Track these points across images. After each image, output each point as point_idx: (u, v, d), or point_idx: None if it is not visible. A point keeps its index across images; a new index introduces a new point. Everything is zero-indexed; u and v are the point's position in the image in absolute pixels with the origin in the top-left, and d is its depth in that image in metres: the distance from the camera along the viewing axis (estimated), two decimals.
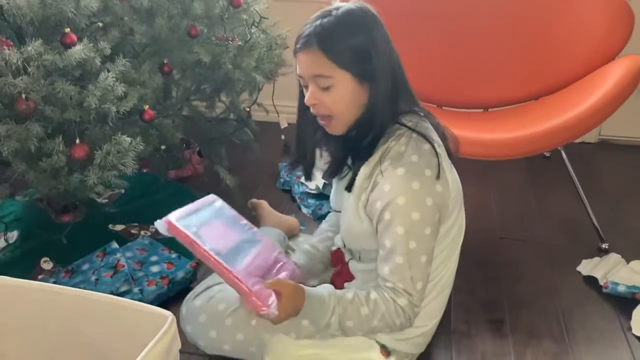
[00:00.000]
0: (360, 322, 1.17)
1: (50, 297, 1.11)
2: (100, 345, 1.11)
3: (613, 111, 1.68)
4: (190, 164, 2.28)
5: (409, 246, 1.13)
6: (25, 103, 1.38)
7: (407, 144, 1.15)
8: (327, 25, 1.11)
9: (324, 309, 1.17)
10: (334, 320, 1.17)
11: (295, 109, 1.27)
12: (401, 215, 1.12)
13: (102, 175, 1.51)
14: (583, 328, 1.54)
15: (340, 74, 1.12)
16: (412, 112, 1.20)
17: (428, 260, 1.16)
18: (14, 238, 1.88)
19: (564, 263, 1.79)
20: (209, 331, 1.29)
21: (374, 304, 1.16)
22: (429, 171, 1.13)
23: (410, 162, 1.13)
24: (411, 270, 1.14)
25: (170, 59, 1.83)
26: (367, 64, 1.12)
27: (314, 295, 1.18)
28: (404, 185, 1.12)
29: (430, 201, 1.13)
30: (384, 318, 1.16)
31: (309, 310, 1.16)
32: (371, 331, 1.21)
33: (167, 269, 1.69)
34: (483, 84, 2.16)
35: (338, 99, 1.14)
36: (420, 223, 1.12)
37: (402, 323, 1.17)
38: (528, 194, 2.21)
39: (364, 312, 1.16)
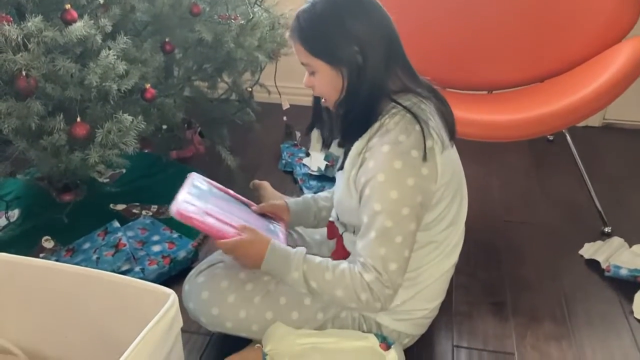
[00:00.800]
0: (323, 285, 1.18)
1: (52, 274, 1.11)
2: (101, 323, 1.11)
3: (618, 94, 1.67)
4: (192, 145, 2.28)
5: (384, 224, 1.12)
6: (25, 80, 1.36)
7: (398, 123, 1.14)
8: (303, 15, 1.16)
9: (287, 263, 1.20)
10: (297, 277, 1.19)
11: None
12: (379, 192, 1.12)
13: (103, 154, 1.49)
14: (585, 311, 1.54)
15: (316, 62, 1.17)
16: (410, 91, 1.18)
17: (405, 242, 1.14)
18: (15, 217, 1.88)
19: (566, 246, 1.79)
20: (211, 308, 1.29)
21: (340, 273, 1.17)
22: (416, 152, 1.12)
23: (397, 141, 1.12)
24: (383, 248, 1.13)
25: (172, 38, 1.81)
26: (335, 51, 1.14)
27: (280, 248, 1.23)
28: (386, 162, 1.12)
29: (412, 181, 1.11)
30: (347, 289, 1.15)
31: (272, 260, 1.21)
32: (339, 301, 1.19)
33: (168, 248, 1.69)
34: (487, 66, 2.14)
35: (321, 82, 1.20)
36: (398, 202, 1.12)
37: (369, 300, 1.14)
38: (531, 178, 2.20)
39: (327, 277, 1.18)
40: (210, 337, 1.43)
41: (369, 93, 1.16)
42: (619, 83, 1.65)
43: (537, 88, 2.05)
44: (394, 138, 1.13)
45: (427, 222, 1.20)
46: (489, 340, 1.45)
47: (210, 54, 1.97)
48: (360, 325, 1.30)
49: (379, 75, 1.15)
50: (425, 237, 1.23)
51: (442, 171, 1.16)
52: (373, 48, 1.13)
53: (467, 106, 1.88)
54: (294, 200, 1.51)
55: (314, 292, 1.21)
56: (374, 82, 1.15)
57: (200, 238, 1.80)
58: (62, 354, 1.17)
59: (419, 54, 1.23)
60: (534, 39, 2.09)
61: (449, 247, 1.28)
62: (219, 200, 1.40)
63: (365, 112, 1.18)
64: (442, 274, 1.30)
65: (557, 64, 2.04)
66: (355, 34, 1.12)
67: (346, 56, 1.13)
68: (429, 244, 1.24)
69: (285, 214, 1.47)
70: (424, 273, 1.27)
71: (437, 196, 1.18)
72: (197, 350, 1.40)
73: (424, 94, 1.20)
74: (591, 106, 1.66)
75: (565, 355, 1.40)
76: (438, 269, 1.28)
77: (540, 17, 2.08)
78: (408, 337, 1.33)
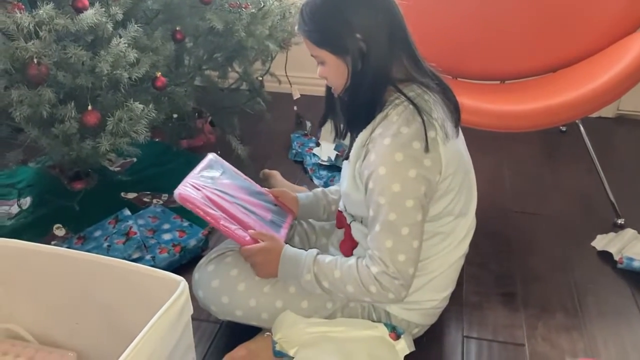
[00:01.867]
0: (334, 283, 1.20)
1: (63, 261, 1.11)
2: (112, 310, 1.11)
3: (632, 85, 1.64)
4: (203, 134, 2.28)
5: (388, 217, 1.12)
6: (37, 68, 1.37)
7: (400, 115, 1.14)
8: (305, 8, 1.16)
9: (299, 267, 1.22)
10: (310, 279, 1.21)
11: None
12: (381, 185, 1.12)
13: (114, 142, 1.50)
14: (596, 303, 1.53)
15: (321, 52, 1.17)
16: (415, 81, 1.17)
17: (412, 233, 1.13)
18: (27, 204, 1.89)
19: (578, 238, 1.78)
20: (221, 296, 1.30)
21: (348, 268, 1.18)
22: (418, 144, 1.11)
23: (399, 132, 1.12)
24: (390, 240, 1.13)
25: (183, 26, 1.80)
26: (336, 40, 1.14)
27: (290, 254, 1.25)
28: (387, 155, 1.11)
29: (414, 173, 1.11)
30: (356, 283, 1.17)
31: (285, 267, 1.24)
32: (352, 297, 1.21)
33: (179, 236, 1.69)
34: (500, 56, 2.12)
35: (329, 72, 1.20)
36: (401, 195, 1.11)
37: (379, 291, 1.15)
38: (543, 169, 2.18)
39: (337, 275, 1.19)
40: (220, 325, 1.44)
41: (374, 81, 1.15)
42: (633, 74, 1.63)
43: (550, 78, 2.02)
44: (395, 130, 1.12)
45: (434, 213, 1.20)
46: (499, 331, 1.44)
47: (220, 42, 1.96)
48: (370, 314, 1.30)
49: (383, 62, 1.14)
50: (433, 228, 1.22)
51: (447, 162, 1.15)
52: (376, 35, 1.12)
53: (480, 96, 1.87)
54: (305, 194, 1.52)
55: (327, 291, 1.22)
56: (378, 70, 1.14)
57: (210, 227, 1.80)
58: (73, 340, 1.18)
59: (432, 44, 1.22)
60: (547, 28, 2.07)
61: (458, 237, 1.28)
62: (230, 186, 1.41)
63: (370, 100, 1.17)
64: (451, 264, 1.29)
65: (571, 54, 2.02)
66: (356, 22, 1.12)
67: (349, 45, 1.13)
68: (436, 234, 1.24)
69: (294, 206, 1.48)
70: (433, 263, 1.26)
71: (444, 187, 1.17)
72: (207, 338, 1.41)
73: (428, 84, 1.19)
74: (605, 97, 1.64)
75: (576, 347, 1.39)
76: (447, 260, 1.28)
77: (554, 6, 2.05)
78: (417, 327, 1.33)
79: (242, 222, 1.31)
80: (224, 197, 1.34)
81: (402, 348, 1.26)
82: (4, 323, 1.19)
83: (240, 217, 1.32)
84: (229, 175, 1.45)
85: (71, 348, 1.18)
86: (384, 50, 1.14)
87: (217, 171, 1.43)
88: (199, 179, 1.35)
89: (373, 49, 1.13)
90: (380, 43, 1.13)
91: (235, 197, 1.38)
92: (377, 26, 1.13)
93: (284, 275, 1.25)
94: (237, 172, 1.50)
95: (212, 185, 1.35)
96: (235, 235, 1.27)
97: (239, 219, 1.31)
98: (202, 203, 1.27)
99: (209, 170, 1.41)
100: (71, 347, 1.18)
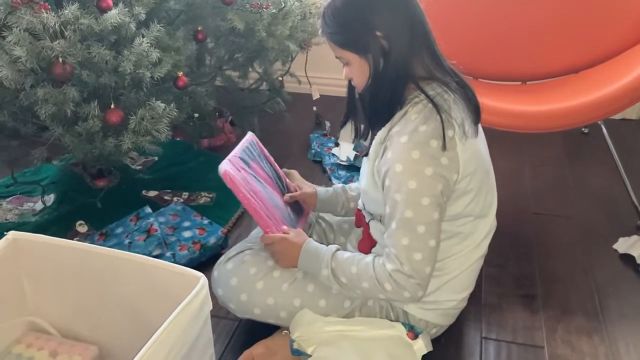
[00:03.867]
0: (351, 279, 1.21)
1: (85, 256, 1.13)
2: (133, 304, 1.13)
3: None
4: (223, 133, 2.29)
5: (404, 214, 1.12)
6: (62, 67, 1.39)
7: (419, 113, 1.14)
8: (327, 11, 1.18)
9: (318, 261, 1.24)
10: (327, 274, 1.23)
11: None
12: (398, 182, 1.12)
13: (136, 141, 1.52)
14: (618, 306, 1.51)
15: (345, 53, 1.18)
16: (435, 79, 1.17)
17: (429, 232, 1.13)
18: (50, 201, 1.92)
19: (600, 240, 1.76)
20: (239, 294, 1.31)
21: (365, 265, 1.19)
22: (435, 142, 1.11)
23: (417, 130, 1.12)
24: (406, 238, 1.13)
25: (205, 26, 1.82)
26: (358, 39, 1.15)
27: (312, 248, 1.27)
28: (403, 153, 1.11)
29: (430, 171, 1.11)
30: (371, 280, 1.17)
31: (305, 260, 1.27)
32: (367, 293, 1.21)
33: (199, 234, 1.71)
34: (522, 56, 2.10)
35: (354, 73, 1.21)
36: (417, 192, 1.11)
37: (394, 289, 1.15)
38: (564, 170, 2.16)
39: (353, 271, 1.20)
40: (238, 323, 1.45)
41: (395, 78, 1.15)
42: None
43: (572, 79, 2.00)
44: (413, 128, 1.12)
45: (454, 213, 1.19)
46: (518, 332, 1.43)
47: (241, 43, 1.98)
48: (388, 313, 1.30)
49: (404, 60, 1.14)
50: (453, 228, 1.22)
51: (465, 161, 1.15)
52: (397, 33, 1.13)
53: (501, 96, 1.86)
54: (325, 188, 1.53)
55: (344, 287, 1.23)
56: (400, 67, 1.15)
57: (230, 225, 1.82)
58: (94, 333, 1.20)
59: (453, 44, 1.21)
60: (569, 29, 2.05)
61: (478, 238, 1.27)
62: (261, 173, 1.44)
63: (391, 98, 1.17)
64: (470, 265, 1.28)
65: (593, 54, 2.00)
66: (377, 20, 1.12)
67: (370, 43, 1.13)
68: (456, 234, 1.23)
69: (312, 199, 1.49)
70: (452, 263, 1.26)
71: (462, 187, 1.17)
72: (225, 335, 1.42)
73: (448, 82, 1.18)
74: (627, 98, 1.62)
75: (597, 350, 1.38)
76: (466, 260, 1.27)
77: (576, 7, 2.03)
78: (436, 327, 1.32)
79: (268, 211, 1.33)
80: (256, 184, 1.37)
81: (420, 348, 1.26)
82: (29, 316, 1.22)
83: (268, 205, 1.34)
84: (261, 160, 1.48)
85: (93, 342, 1.20)
86: (406, 48, 1.14)
87: (253, 154, 1.46)
88: (239, 159, 1.38)
89: (394, 47, 1.13)
90: (402, 41, 1.13)
91: (264, 184, 1.40)
92: (398, 24, 1.13)
93: (303, 267, 1.28)
94: (267, 157, 1.53)
95: (248, 168, 1.38)
96: (264, 221, 1.30)
97: (266, 207, 1.34)
98: (242, 184, 1.29)
99: (247, 151, 1.44)
100: (93, 341, 1.20)
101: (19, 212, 1.88)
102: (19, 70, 1.37)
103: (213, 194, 1.98)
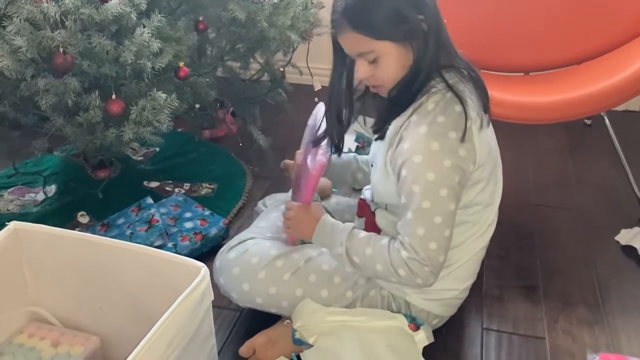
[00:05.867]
0: (364, 260, 1.21)
1: (87, 246, 1.13)
2: (134, 295, 1.13)
3: None
4: (224, 124, 2.29)
5: (422, 205, 1.12)
6: (63, 57, 1.38)
7: (437, 103, 1.13)
8: (352, 2, 1.10)
9: (333, 238, 1.24)
10: (341, 252, 1.22)
11: (329, 71, 1.26)
12: (416, 173, 1.11)
13: (138, 131, 1.51)
14: (619, 297, 1.51)
15: (381, 45, 1.11)
16: (454, 68, 1.16)
17: (445, 222, 1.13)
18: (52, 192, 1.93)
19: (601, 232, 1.75)
20: (241, 284, 1.31)
21: (380, 248, 1.19)
22: (454, 133, 1.10)
23: (435, 121, 1.11)
24: (422, 228, 1.12)
25: (206, 16, 1.81)
26: (403, 25, 1.09)
27: (328, 224, 1.27)
28: (422, 144, 1.10)
29: (449, 163, 1.10)
30: (386, 264, 1.17)
31: (321, 235, 1.27)
32: (380, 275, 1.21)
33: (200, 225, 1.71)
34: (524, 47, 2.09)
35: (386, 67, 1.14)
36: (436, 183, 1.11)
37: (408, 275, 1.15)
38: (566, 162, 2.16)
39: (368, 252, 1.20)
40: (240, 313, 1.46)
41: (431, 65, 1.13)
42: None
43: (575, 70, 1.99)
44: (432, 119, 1.11)
45: (465, 202, 1.19)
46: (519, 323, 1.43)
47: (243, 33, 1.96)
48: (390, 304, 1.30)
49: (440, 44, 1.13)
50: (461, 217, 1.21)
51: (480, 152, 1.15)
52: (435, 15, 1.11)
53: (503, 87, 1.85)
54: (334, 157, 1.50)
55: (357, 266, 1.23)
56: (437, 51, 1.12)
57: (231, 216, 1.82)
58: (96, 324, 1.20)
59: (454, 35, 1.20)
60: (571, 20, 2.03)
61: (483, 227, 1.27)
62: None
63: (420, 87, 1.15)
64: (473, 255, 1.29)
65: (596, 45, 1.98)
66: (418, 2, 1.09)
67: (415, 28, 1.09)
68: (463, 223, 1.23)
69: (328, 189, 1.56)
70: (457, 254, 1.26)
71: (475, 177, 1.17)
72: (227, 325, 1.43)
73: (463, 72, 1.18)
74: (630, 89, 1.61)
75: (598, 341, 1.38)
76: (470, 250, 1.27)
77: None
78: (437, 318, 1.33)
79: None
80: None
81: (421, 339, 1.26)
82: (31, 306, 1.22)
83: None
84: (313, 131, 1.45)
85: (94, 332, 1.20)
86: (441, 32, 1.12)
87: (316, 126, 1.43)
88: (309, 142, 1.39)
89: (433, 31, 1.10)
90: (439, 24, 1.12)
91: None
92: (433, 6, 1.11)
93: (317, 241, 1.28)
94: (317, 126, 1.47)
95: None
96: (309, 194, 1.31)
97: None
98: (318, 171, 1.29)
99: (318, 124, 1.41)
100: (94, 331, 1.20)
101: (21, 202, 1.89)
102: (19, 60, 1.36)
103: (214, 184, 1.98)
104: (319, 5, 2.10)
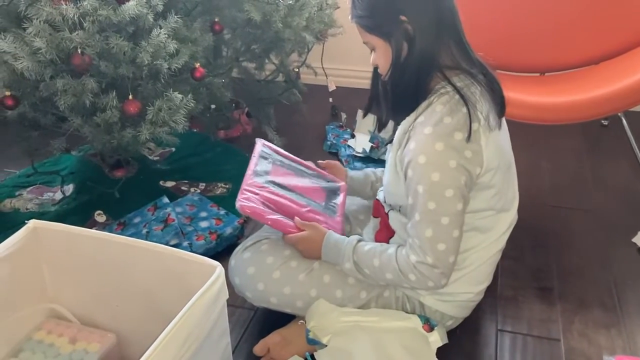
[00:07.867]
0: (374, 271, 1.23)
1: (104, 244, 1.14)
2: (150, 292, 1.14)
3: None
4: (239, 124, 2.30)
5: (427, 206, 1.12)
6: (80, 58, 1.41)
7: (445, 104, 1.13)
8: None
9: (340, 255, 1.27)
10: (350, 267, 1.25)
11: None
12: (420, 174, 1.12)
13: (154, 131, 1.53)
14: (637, 300, 1.49)
15: (371, 38, 1.18)
16: (462, 70, 1.16)
17: (452, 223, 1.13)
18: (70, 191, 1.95)
19: (618, 233, 1.74)
20: (256, 283, 1.31)
21: (387, 258, 1.21)
22: (460, 134, 1.10)
23: (441, 122, 1.11)
24: (430, 229, 1.13)
25: (221, 18, 1.82)
26: (386, 24, 1.14)
27: (332, 242, 1.29)
28: (427, 144, 1.11)
29: (454, 163, 1.10)
30: (395, 272, 1.19)
31: (327, 253, 1.29)
32: (392, 283, 1.24)
33: (215, 224, 1.72)
34: (541, 47, 2.08)
35: (378, 59, 1.21)
36: (441, 184, 1.11)
37: (419, 279, 1.16)
38: (583, 163, 2.14)
39: (376, 263, 1.22)
40: (255, 312, 1.46)
41: (419, 66, 1.14)
42: None
43: (592, 70, 1.98)
44: (438, 119, 1.11)
45: (475, 207, 1.19)
46: (534, 325, 1.43)
47: (258, 34, 1.98)
48: (404, 305, 1.30)
49: (429, 47, 1.13)
50: (473, 221, 1.21)
51: (489, 155, 1.14)
52: (423, 18, 1.11)
53: (519, 88, 1.84)
54: (354, 171, 1.58)
55: (368, 277, 1.25)
56: (425, 54, 1.13)
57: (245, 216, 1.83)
58: (113, 321, 1.22)
59: (471, 36, 1.20)
60: (589, 19, 2.02)
61: (498, 232, 1.26)
62: (284, 176, 1.46)
63: (415, 86, 1.17)
64: (489, 258, 1.28)
65: (613, 45, 1.97)
66: (402, 4, 1.11)
67: (394, 28, 1.13)
68: (476, 228, 1.23)
69: (342, 174, 1.55)
70: (471, 256, 1.25)
71: (485, 181, 1.16)
72: (241, 323, 1.43)
73: (475, 74, 1.17)
74: None
75: (615, 343, 1.37)
76: (485, 253, 1.27)
77: None
78: (451, 319, 1.32)
79: (300, 214, 1.36)
80: (281, 194, 1.38)
81: (435, 340, 1.26)
82: (49, 303, 1.24)
83: (298, 210, 1.37)
84: (280, 163, 1.50)
85: (111, 329, 1.21)
86: (431, 35, 1.12)
87: (269, 162, 1.48)
88: (254, 178, 1.39)
89: (419, 33, 1.12)
90: (428, 27, 1.12)
91: (289, 188, 1.42)
92: (425, 10, 1.12)
93: (326, 259, 1.30)
94: (285, 155, 1.55)
95: (266, 183, 1.39)
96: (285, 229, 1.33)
97: (297, 211, 1.36)
98: (262, 210, 1.31)
99: (261, 163, 1.46)
100: (111, 329, 1.21)
101: (39, 201, 1.91)
102: (39, 61, 1.39)
103: (229, 184, 1.99)
104: (333, 6, 2.11)
